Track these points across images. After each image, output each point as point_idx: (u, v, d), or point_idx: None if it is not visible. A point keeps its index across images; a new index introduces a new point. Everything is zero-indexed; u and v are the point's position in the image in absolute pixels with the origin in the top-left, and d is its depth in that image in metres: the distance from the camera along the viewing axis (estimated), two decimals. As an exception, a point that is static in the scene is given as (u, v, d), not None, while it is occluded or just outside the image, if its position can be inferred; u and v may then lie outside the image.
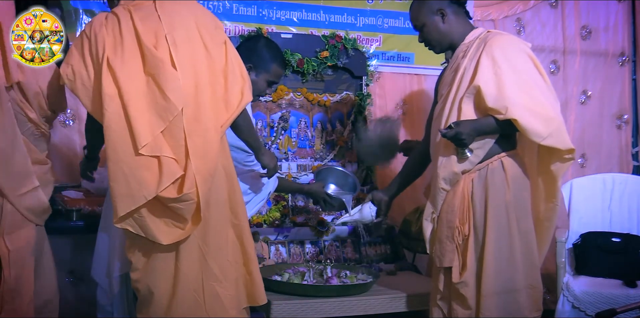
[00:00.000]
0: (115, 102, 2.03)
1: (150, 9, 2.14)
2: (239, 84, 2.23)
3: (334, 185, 3.09)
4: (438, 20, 2.50)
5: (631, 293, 3.14)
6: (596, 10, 4.23)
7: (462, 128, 2.29)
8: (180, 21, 2.14)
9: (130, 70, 2.05)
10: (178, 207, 2.06)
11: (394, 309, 2.71)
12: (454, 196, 2.41)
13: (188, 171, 2.05)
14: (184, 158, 2.06)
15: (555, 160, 2.42)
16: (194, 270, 2.15)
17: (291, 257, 3.14)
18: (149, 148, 2.02)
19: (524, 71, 2.38)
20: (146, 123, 2.03)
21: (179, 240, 2.09)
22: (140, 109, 2.03)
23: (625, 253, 3.36)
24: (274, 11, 3.57)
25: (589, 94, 4.22)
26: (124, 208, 2.03)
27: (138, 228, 2.06)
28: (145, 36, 2.08)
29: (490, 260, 2.34)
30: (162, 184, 2.02)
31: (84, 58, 2.08)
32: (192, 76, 2.10)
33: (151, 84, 2.06)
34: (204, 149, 2.09)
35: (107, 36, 2.07)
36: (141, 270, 2.13)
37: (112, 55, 2.05)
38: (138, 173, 2.03)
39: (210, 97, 2.13)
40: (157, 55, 2.06)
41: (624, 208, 3.68)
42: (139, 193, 2.02)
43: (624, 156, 4.27)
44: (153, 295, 2.13)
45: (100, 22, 2.11)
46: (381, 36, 3.78)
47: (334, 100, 3.58)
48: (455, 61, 2.49)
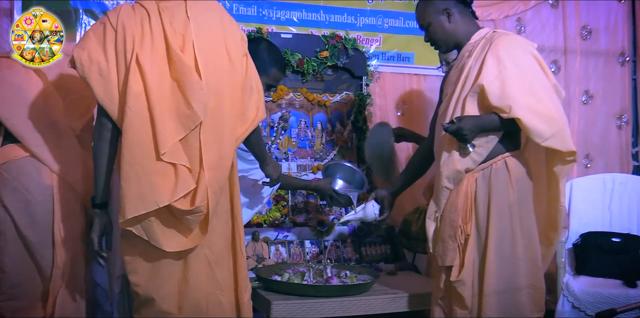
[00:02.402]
0: (140, 101, 1.97)
1: (180, 9, 2.08)
2: (255, 99, 2.22)
3: (342, 180, 3.09)
4: (444, 20, 2.51)
5: (631, 293, 3.13)
6: (596, 10, 4.23)
7: (464, 123, 2.29)
8: (208, 27, 2.09)
9: (157, 71, 2.00)
10: (187, 218, 2.03)
11: (394, 309, 2.71)
12: (457, 196, 2.41)
13: (200, 183, 2.02)
14: (198, 169, 2.03)
15: (557, 162, 2.42)
16: (201, 278, 2.12)
17: (291, 257, 3.14)
18: (169, 155, 1.98)
19: (529, 71, 2.37)
20: (168, 129, 1.99)
21: (186, 249, 2.07)
22: (163, 114, 1.99)
23: (625, 253, 3.36)
24: (274, 11, 3.57)
25: (590, 94, 4.22)
26: (132, 211, 1.98)
27: (143, 232, 2.02)
28: (173, 39, 2.03)
29: (493, 260, 2.34)
30: (177, 194, 1.99)
31: (105, 48, 2.01)
32: (214, 86, 2.06)
33: (175, 89, 2.02)
34: (218, 162, 2.06)
35: (136, 31, 2.01)
36: (142, 274, 2.09)
37: (141, 52, 1.99)
38: (152, 178, 1.98)
39: (229, 110, 2.11)
40: (185, 61, 2.01)
41: (624, 208, 3.68)
42: (151, 198, 1.97)
43: (624, 156, 4.26)
44: (154, 301, 2.08)
45: (128, 13, 2.03)
46: (381, 36, 3.78)
47: (334, 100, 3.59)
48: (461, 60, 2.50)
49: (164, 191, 1.98)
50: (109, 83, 2.00)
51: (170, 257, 2.08)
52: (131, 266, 2.09)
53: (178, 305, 2.11)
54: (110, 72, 2.00)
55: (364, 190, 3.07)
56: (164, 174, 1.99)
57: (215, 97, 2.06)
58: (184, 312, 2.11)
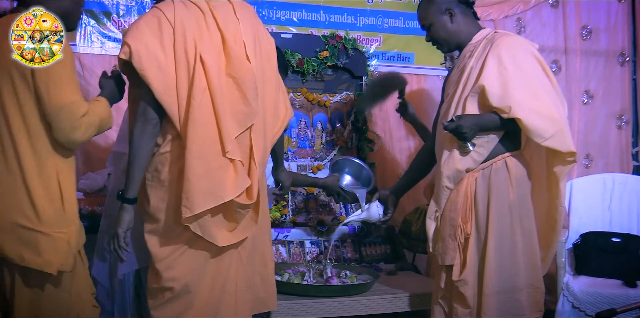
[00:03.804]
0: (206, 97, 2.01)
1: (228, 10, 2.12)
2: (283, 98, 2.32)
3: (349, 176, 3.10)
4: (446, 19, 2.51)
5: (631, 293, 3.14)
6: (596, 10, 4.23)
7: (463, 121, 2.30)
8: (252, 28, 2.15)
9: (217, 68, 2.04)
10: (240, 212, 2.08)
11: (394, 309, 2.71)
12: (457, 195, 2.41)
13: (254, 179, 2.08)
14: (248, 165, 2.10)
15: (558, 162, 2.42)
16: (231, 273, 2.14)
17: (291, 257, 3.14)
18: (232, 151, 2.03)
19: (530, 71, 2.38)
20: (229, 125, 2.04)
21: (234, 242, 2.10)
22: (225, 110, 2.03)
23: (625, 253, 3.36)
24: (274, 11, 3.57)
25: (591, 94, 4.22)
26: (202, 205, 2.00)
27: (198, 228, 2.04)
28: (228, 36, 2.07)
29: (492, 259, 2.35)
30: (238, 188, 2.04)
31: (163, 43, 2.02)
32: (261, 85, 2.13)
33: (231, 86, 2.06)
34: (263, 158, 2.15)
35: (195, 28, 2.04)
36: (180, 269, 2.08)
37: (203, 49, 2.02)
38: (218, 173, 2.02)
39: (269, 109, 2.18)
40: (242, 58, 2.07)
41: (624, 208, 3.68)
42: (219, 192, 2.01)
43: (624, 156, 4.26)
44: (189, 294, 2.09)
45: (183, 10, 2.05)
46: (381, 36, 3.78)
47: (334, 100, 3.58)
48: (462, 60, 2.50)
49: (227, 185, 2.03)
50: (167, 77, 2.02)
51: (209, 251, 2.10)
52: (168, 261, 2.08)
53: (210, 299, 2.12)
54: (169, 67, 2.02)
55: (370, 187, 3.08)
56: (226, 169, 2.04)
57: (262, 96, 2.13)
58: (215, 307, 2.12)
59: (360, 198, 2.96)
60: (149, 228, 2.10)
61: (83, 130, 1.98)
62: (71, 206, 2.05)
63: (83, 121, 1.98)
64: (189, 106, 2.00)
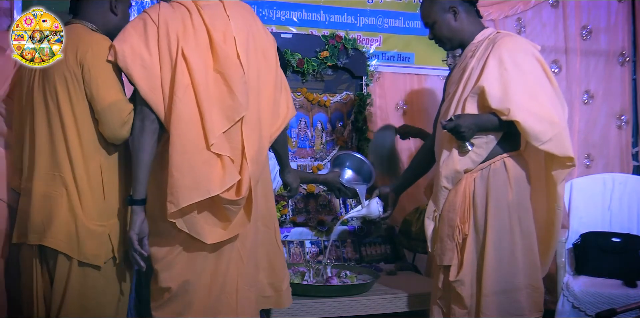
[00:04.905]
0: (189, 93, 2.01)
1: (218, 8, 2.13)
2: (285, 96, 2.29)
3: (351, 170, 3.10)
4: (450, 18, 2.51)
5: (631, 293, 3.14)
6: (596, 10, 4.23)
7: (462, 121, 2.30)
8: (245, 25, 2.15)
9: (202, 65, 2.04)
10: (230, 208, 2.06)
11: (394, 309, 2.71)
12: (455, 195, 2.41)
13: (244, 175, 2.06)
14: (240, 161, 2.08)
15: (557, 166, 2.41)
16: (231, 271, 2.14)
17: (291, 257, 3.15)
18: (217, 146, 2.03)
19: (531, 74, 2.37)
20: (215, 120, 2.03)
21: (223, 241, 2.08)
22: (210, 105, 2.03)
23: (625, 253, 3.36)
24: (274, 11, 3.57)
25: (591, 93, 4.22)
26: (186, 199, 1.99)
27: (184, 225, 2.03)
28: (215, 34, 2.08)
29: (491, 260, 2.35)
30: (226, 184, 2.02)
31: (148, 43, 2.04)
32: (255, 81, 2.13)
33: (219, 81, 2.06)
34: (257, 155, 2.11)
35: (178, 27, 2.05)
36: (177, 269, 2.08)
37: (186, 46, 2.04)
38: (203, 168, 2.01)
39: (265, 106, 2.17)
40: (229, 54, 2.07)
41: (624, 208, 3.68)
42: (204, 187, 2.00)
43: (624, 156, 4.26)
44: (187, 294, 2.09)
45: (168, 10, 2.09)
46: (381, 36, 3.78)
47: (334, 100, 3.59)
48: (464, 60, 2.50)
49: (214, 180, 2.02)
50: (152, 76, 2.04)
51: (205, 250, 2.09)
52: (165, 261, 2.09)
53: (210, 299, 2.11)
54: (154, 65, 2.04)
55: (371, 183, 3.08)
56: (212, 164, 2.03)
57: (254, 92, 2.12)
58: (214, 306, 2.11)
59: (360, 194, 2.96)
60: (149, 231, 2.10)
61: (129, 126, 2.10)
62: (112, 201, 2.16)
63: (130, 118, 2.09)
64: (172, 103, 2.01)
